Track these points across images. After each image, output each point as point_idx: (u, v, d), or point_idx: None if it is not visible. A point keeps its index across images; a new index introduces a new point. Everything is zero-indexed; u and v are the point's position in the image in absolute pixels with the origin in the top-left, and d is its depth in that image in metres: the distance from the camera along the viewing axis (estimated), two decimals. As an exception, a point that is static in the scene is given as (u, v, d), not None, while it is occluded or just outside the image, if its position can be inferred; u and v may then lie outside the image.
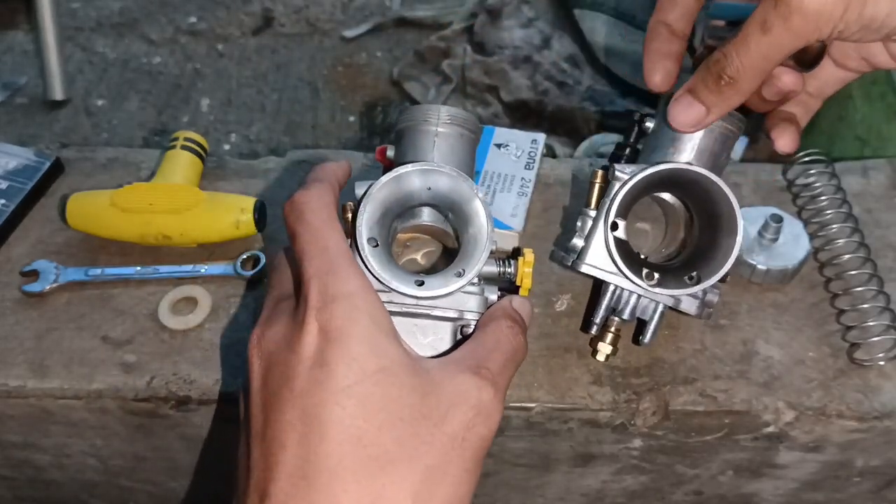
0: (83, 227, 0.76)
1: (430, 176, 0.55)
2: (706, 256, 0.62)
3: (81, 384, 0.68)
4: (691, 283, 0.61)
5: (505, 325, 0.52)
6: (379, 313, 0.47)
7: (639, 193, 0.63)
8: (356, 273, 0.48)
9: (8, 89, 1.75)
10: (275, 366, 0.47)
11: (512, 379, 0.51)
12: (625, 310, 0.63)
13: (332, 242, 0.48)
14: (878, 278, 0.71)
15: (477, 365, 0.48)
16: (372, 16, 1.89)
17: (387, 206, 0.55)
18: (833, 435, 0.67)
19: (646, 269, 0.61)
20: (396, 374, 0.45)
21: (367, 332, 0.45)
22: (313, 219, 0.49)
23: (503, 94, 1.65)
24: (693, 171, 0.60)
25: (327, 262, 0.47)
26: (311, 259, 0.48)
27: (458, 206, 0.56)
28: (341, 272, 0.47)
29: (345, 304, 0.46)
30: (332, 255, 0.48)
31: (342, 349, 0.45)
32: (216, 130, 1.68)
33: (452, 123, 0.59)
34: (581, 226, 0.63)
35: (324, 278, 0.46)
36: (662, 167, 0.60)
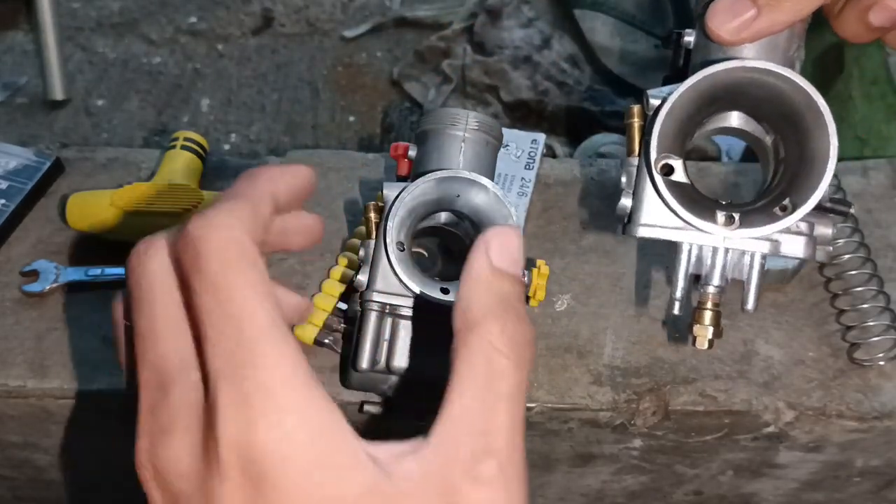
0: (83, 227, 0.76)
1: (467, 186, 0.55)
2: (798, 180, 0.47)
3: (81, 384, 0.68)
4: (784, 214, 0.46)
5: (497, 334, 0.34)
6: (320, 425, 0.31)
7: (688, 119, 0.48)
8: (281, 362, 0.31)
9: (8, 89, 1.74)
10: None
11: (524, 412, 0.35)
12: (712, 273, 0.48)
13: (244, 309, 0.31)
14: (878, 278, 0.71)
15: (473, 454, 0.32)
16: (372, 16, 1.89)
17: (415, 209, 0.55)
18: (833, 435, 0.67)
19: (721, 213, 0.46)
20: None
21: (308, 470, 0.30)
22: (215, 265, 0.32)
23: (503, 94, 1.65)
24: (744, 66, 0.45)
25: (237, 348, 0.31)
26: (215, 338, 0.31)
27: (488, 219, 0.56)
28: (259, 365, 0.31)
29: (270, 426, 0.30)
30: (244, 335, 0.31)
31: (273, 499, 0.30)
32: (216, 130, 1.68)
33: (479, 130, 0.59)
34: (626, 181, 0.50)
35: (236, 381, 0.30)
36: (701, 74, 0.45)
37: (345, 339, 0.68)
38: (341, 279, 0.71)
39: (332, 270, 0.72)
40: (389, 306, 0.55)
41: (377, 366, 0.56)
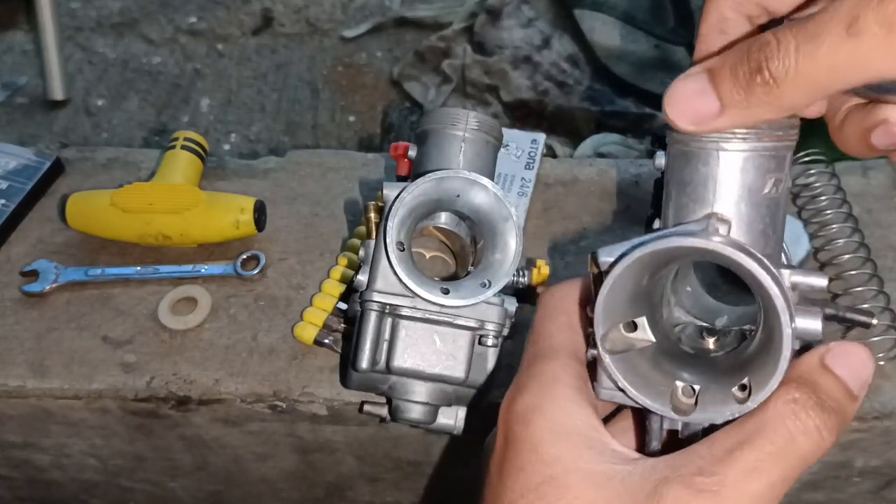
0: (83, 227, 0.76)
1: (467, 186, 0.55)
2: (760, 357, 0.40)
3: (81, 384, 0.68)
4: (741, 401, 0.39)
5: (783, 400, 0.36)
6: (562, 410, 0.40)
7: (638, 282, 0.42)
8: (553, 363, 0.42)
9: (8, 89, 1.75)
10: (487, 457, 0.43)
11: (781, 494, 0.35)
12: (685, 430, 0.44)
13: (543, 334, 0.43)
14: (878, 278, 0.71)
15: (699, 469, 0.34)
16: (372, 16, 1.89)
17: (415, 209, 0.55)
18: (833, 435, 0.67)
19: (681, 384, 0.42)
20: (568, 486, 0.37)
21: (541, 435, 0.39)
22: (540, 311, 0.45)
23: (503, 94, 1.65)
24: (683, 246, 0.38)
25: (531, 354, 0.43)
26: (528, 347, 0.44)
27: (488, 219, 0.56)
28: (536, 363, 0.42)
29: (524, 401, 0.40)
30: (538, 346, 0.43)
31: (514, 458, 0.39)
32: (216, 130, 1.68)
33: (480, 130, 0.59)
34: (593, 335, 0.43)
35: (520, 372, 0.42)
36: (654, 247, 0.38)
37: (345, 339, 0.68)
38: (341, 279, 0.71)
39: (332, 270, 0.72)
40: (389, 306, 0.55)
41: (377, 366, 0.56)
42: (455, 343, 0.55)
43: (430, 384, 0.56)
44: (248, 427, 0.70)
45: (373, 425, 0.69)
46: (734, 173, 0.39)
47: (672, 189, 0.41)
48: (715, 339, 0.44)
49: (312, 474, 0.78)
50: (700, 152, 0.39)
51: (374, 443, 0.72)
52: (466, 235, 0.61)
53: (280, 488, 0.81)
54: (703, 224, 0.39)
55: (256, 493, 0.83)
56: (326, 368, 0.68)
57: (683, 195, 0.40)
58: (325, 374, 0.67)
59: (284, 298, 0.72)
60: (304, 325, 0.68)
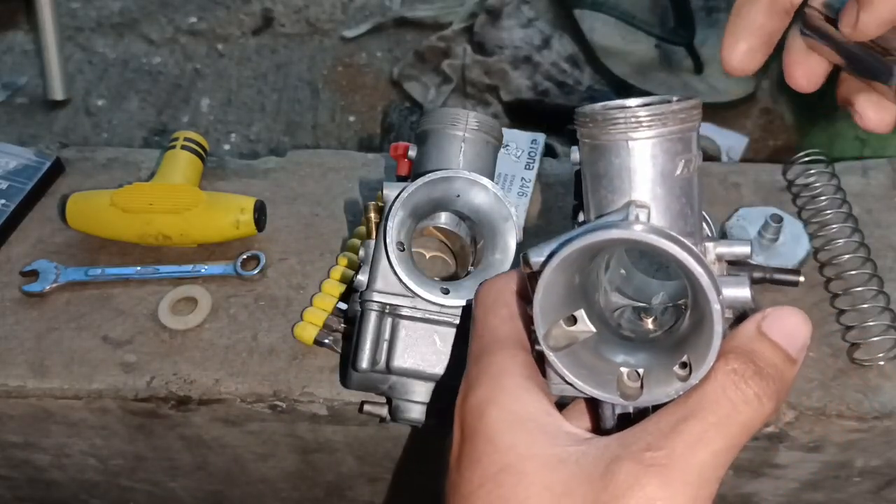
0: (83, 227, 0.76)
1: (467, 186, 0.55)
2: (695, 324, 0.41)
3: (81, 384, 0.68)
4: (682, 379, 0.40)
5: (723, 371, 0.37)
6: (514, 399, 0.40)
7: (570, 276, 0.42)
8: (500, 354, 0.42)
9: (8, 89, 1.74)
10: (447, 454, 0.44)
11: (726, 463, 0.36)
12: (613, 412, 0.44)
13: (487, 327, 0.44)
14: (878, 278, 0.71)
15: (647, 445, 0.35)
16: (372, 16, 1.89)
17: (415, 209, 0.55)
18: (833, 435, 0.67)
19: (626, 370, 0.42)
20: (523, 472, 0.38)
21: (495, 425, 0.40)
22: (478, 307, 0.46)
23: (503, 94, 1.65)
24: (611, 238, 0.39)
25: (476, 348, 0.44)
26: (472, 342, 0.44)
27: (488, 219, 0.56)
28: (483, 356, 0.43)
29: (478, 394, 0.41)
30: (483, 340, 0.44)
31: (470, 451, 0.40)
32: (216, 130, 1.68)
33: (480, 130, 0.59)
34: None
35: (473, 365, 0.43)
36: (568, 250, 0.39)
37: (345, 339, 0.68)
38: (341, 279, 0.71)
39: (332, 270, 0.72)
40: (389, 306, 0.55)
41: (377, 366, 0.56)
42: (456, 343, 0.55)
43: (430, 384, 0.56)
44: (248, 427, 0.70)
45: (373, 425, 0.69)
46: (645, 160, 0.40)
47: (589, 182, 0.42)
48: (653, 318, 0.45)
49: (312, 474, 0.78)
50: (610, 144, 0.41)
51: (374, 443, 0.72)
52: (466, 235, 0.61)
53: (280, 488, 0.81)
54: (623, 213, 0.40)
55: (256, 493, 0.83)
56: (326, 368, 0.68)
57: (601, 187, 0.41)
58: (325, 374, 0.67)
59: (284, 298, 0.72)
60: (304, 325, 0.68)
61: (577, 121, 0.44)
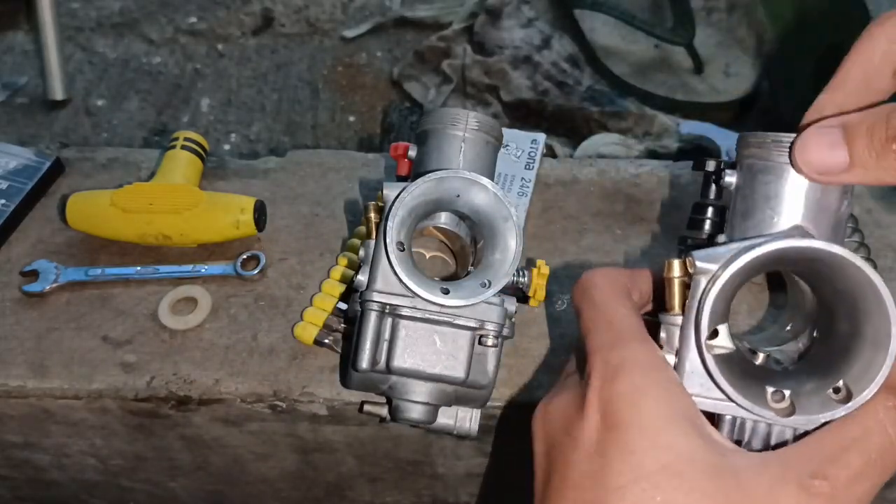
0: (83, 227, 0.76)
1: (467, 186, 0.55)
2: (846, 352, 0.43)
3: (81, 384, 0.68)
4: (839, 402, 0.41)
5: (884, 404, 0.38)
6: (669, 394, 0.39)
7: (735, 287, 0.44)
8: (643, 346, 0.41)
9: (8, 89, 1.75)
10: (554, 448, 0.42)
11: (875, 487, 0.37)
12: (753, 441, 0.44)
13: (617, 316, 0.43)
14: (877, 278, 0.71)
15: (813, 472, 0.36)
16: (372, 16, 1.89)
17: (415, 209, 0.55)
18: (833, 435, 0.67)
19: (771, 389, 0.43)
20: (683, 475, 0.37)
21: (652, 419, 0.38)
22: (598, 295, 0.45)
23: (503, 94, 1.65)
24: (813, 248, 0.41)
25: (611, 336, 0.42)
26: (595, 333, 0.43)
27: (488, 219, 0.56)
28: (626, 345, 0.41)
29: (626, 382, 0.39)
30: (617, 329, 0.42)
31: (619, 440, 0.38)
32: (216, 130, 1.68)
33: (480, 130, 0.59)
34: (666, 337, 0.45)
35: (606, 353, 0.41)
36: (763, 250, 0.41)
37: (345, 339, 0.68)
38: (341, 279, 0.71)
39: (332, 270, 0.72)
40: (389, 306, 0.55)
41: (377, 366, 0.56)
42: (455, 343, 0.55)
43: (430, 384, 0.56)
44: (248, 427, 0.70)
45: (373, 425, 0.69)
46: (817, 191, 0.43)
47: (749, 203, 0.45)
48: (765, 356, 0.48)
49: (312, 474, 0.78)
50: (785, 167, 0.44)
51: (374, 443, 0.72)
52: (466, 235, 0.61)
53: (280, 488, 0.81)
54: (797, 233, 0.43)
55: (256, 493, 0.83)
56: (326, 368, 0.68)
57: (767, 208, 0.44)
58: (325, 374, 0.67)
59: (284, 298, 0.72)
60: (304, 325, 0.68)
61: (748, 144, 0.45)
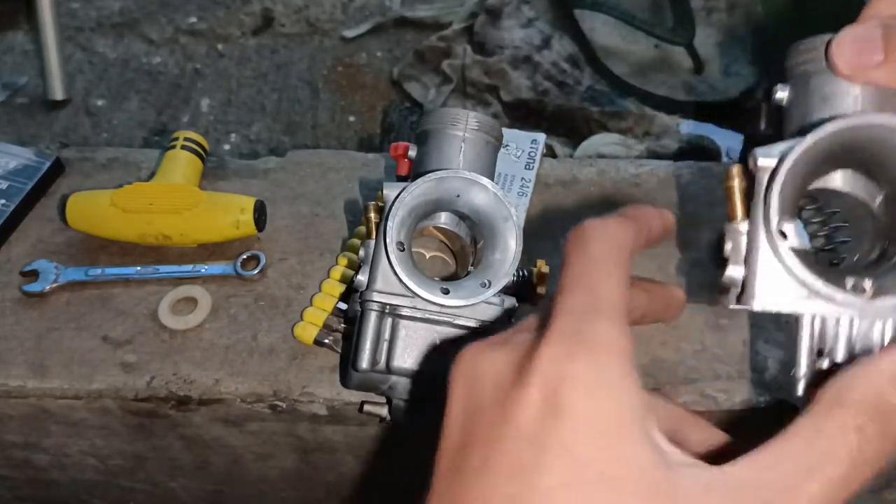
0: (83, 227, 0.76)
1: (467, 186, 0.55)
2: None
3: (81, 384, 0.68)
4: None
5: (853, 424, 0.34)
6: (627, 390, 0.34)
7: (802, 180, 0.43)
8: (619, 328, 0.35)
9: (8, 89, 1.75)
10: (478, 416, 0.36)
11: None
12: (836, 348, 0.42)
13: (604, 283, 0.36)
14: (878, 278, 0.71)
15: (770, 497, 0.32)
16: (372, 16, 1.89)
17: (415, 209, 0.55)
18: (833, 435, 0.67)
19: (850, 279, 0.41)
20: (621, 491, 0.32)
21: (603, 416, 0.33)
22: (594, 249, 0.38)
23: (503, 94, 1.65)
24: (882, 123, 0.40)
25: (589, 303, 0.35)
26: (572, 292, 0.36)
27: (488, 219, 0.56)
28: (600, 319, 0.35)
29: (586, 364, 0.34)
30: (598, 297, 0.36)
31: (562, 433, 0.33)
32: (216, 130, 1.68)
33: (480, 130, 0.59)
34: (732, 248, 0.43)
35: (576, 320, 0.35)
36: (833, 127, 0.40)
37: (345, 339, 0.68)
38: (341, 279, 0.71)
39: (332, 270, 0.72)
40: (389, 306, 0.55)
41: (377, 366, 0.56)
42: (455, 343, 0.55)
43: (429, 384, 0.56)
44: (248, 427, 0.70)
45: (373, 425, 0.69)
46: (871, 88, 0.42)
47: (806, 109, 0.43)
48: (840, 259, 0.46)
49: (312, 474, 0.78)
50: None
51: (374, 443, 0.72)
52: (466, 235, 0.61)
53: (280, 488, 0.81)
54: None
55: (256, 493, 0.83)
56: (326, 368, 0.68)
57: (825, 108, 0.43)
58: (325, 374, 0.67)
59: (284, 298, 0.72)
60: (304, 325, 0.68)
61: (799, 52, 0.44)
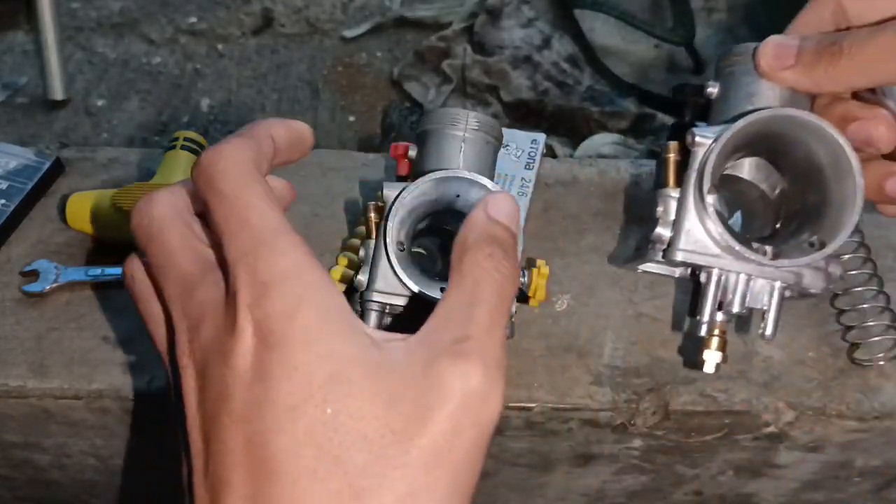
0: (83, 227, 0.76)
1: (467, 186, 0.55)
2: (817, 216, 0.51)
3: (81, 384, 0.68)
4: (815, 249, 0.49)
5: (483, 257, 0.41)
6: (324, 298, 0.37)
7: (727, 157, 0.51)
8: (290, 247, 0.38)
9: (8, 89, 1.75)
10: (210, 381, 0.38)
11: (505, 324, 0.40)
12: (734, 300, 0.51)
13: (254, 213, 0.38)
14: (878, 278, 0.71)
15: (454, 339, 0.38)
16: (372, 16, 1.89)
17: (415, 209, 0.55)
18: (833, 435, 0.67)
19: (754, 244, 0.50)
20: (352, 380, 0.36)
21: (311, 330, 0.36)
22: (227, 184, 0.39)
23: (503, 94, 1.65)
24: (796, 115, 0.48)
25: (252, 240, 0.37)
26: (232, 237, 0.38)
27: None
28: (270, 251, 0.37)
29: (279, 294, 0.36)
30: (257, 230, 0.38)
31: (282, 357, 0.36)
32: (216, 130, 1.68)
33: (480, 130, 0.59)
34: (663, 210, 0.52)
35: (250, 262, 0.37)
36: (761, 115, 0.48)
37: (345, 339, 0.67)
38: (341, 279, 0.71)
39: (333, 270, 0.72)
40: (389, 306, 0.55)
41: (377, 366, 0.56)
42: None
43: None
44: (248, 427, 0.70)
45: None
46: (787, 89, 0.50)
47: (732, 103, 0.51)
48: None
49: (312, 474, 0.78)
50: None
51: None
52: None
53: (280, 488, 0.81)
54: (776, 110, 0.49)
55: (256, 493, 0.83)
56: (326, 368, 0.67)
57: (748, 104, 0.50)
58: (325, 374, 0.67)
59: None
60: (304, 325, 0.68)
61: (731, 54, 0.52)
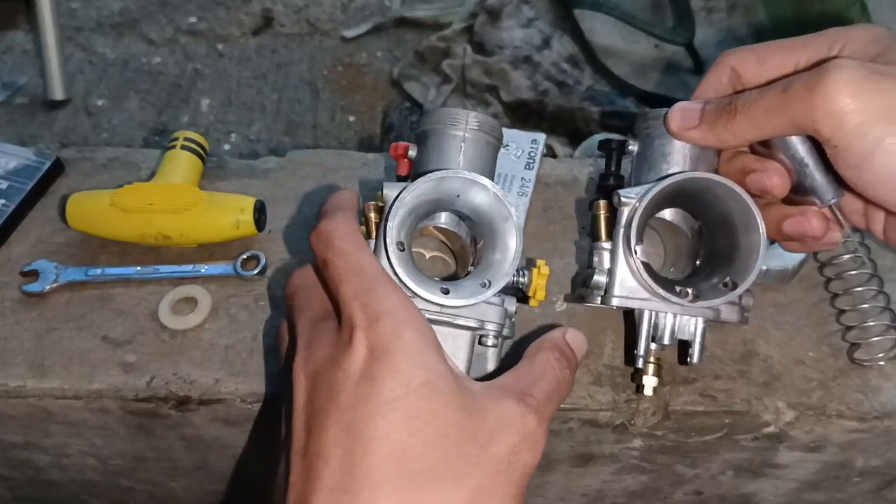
0: (83, 227, 0.76)
1: (467, 186, 0.55)
2: (728, 260, 0.60)
3: (81, 384, 0.68)
4: (728, 290, 0.58)
5: (553, 357, 0.52)
6: (423, 328, 0.47)
7: (649, 214, 0.61)
8: (395, 290, 0.48)
9: (8, 89, 1.75)
10: (320, 383, 0.47)
11: (554, 414, 0.50)
12: (664, 335, 0.61)
13: (365, 264, 0.49)
14: (878, 278, 0.71)
15: (521, 392, 0.48)
16: (372, 16, 1.89)
17: (415, 209, 0.55)
18: (833, 435, 0.67)
19: (678, 287, 0.59)
20: (441, 390, 0.45)
21: (413, 347, 0.46)
22: (344, 245, 0.50)
23: (503, 94, 1.65)
24: (706, 178, 0.58)
25: (366, 282, 0.48)
26: (349, 282, 0.48)
27: (488, 219, 0.56)
28: (381, 290, 0.48)
29: (389, 320, 0.46)
30: (369, 276, 0.48)
31: (388, 364, 0.45)
32: (216, 130, 1.68)
33: (480, 130, 0.59)
34: (598, 261, 0.61)
35: (364, 298, 0.47)
36: (675, 179, 0.57)
37: (345, 339, 0.68)
38: (341, 279, 0.71)
39: (332, 270, 0.72)
40: (389, 306, 0.55)
41: (377, 366, 0.56)
42: (455, 343, 0.55)
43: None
44: (249, 427, 0.70)
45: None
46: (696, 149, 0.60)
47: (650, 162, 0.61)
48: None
49: (312, 474, 0.78)
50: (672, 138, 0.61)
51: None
52: (466, 235, 0.61)
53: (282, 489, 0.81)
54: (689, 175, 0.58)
55: (257, 493, 0.83)
56: (326, 368, 0.68)
57: (663, 163, 0.60)
58: (325, 374, 0.67)
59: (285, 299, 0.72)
60: (304, 325, 0.68)
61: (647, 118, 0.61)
